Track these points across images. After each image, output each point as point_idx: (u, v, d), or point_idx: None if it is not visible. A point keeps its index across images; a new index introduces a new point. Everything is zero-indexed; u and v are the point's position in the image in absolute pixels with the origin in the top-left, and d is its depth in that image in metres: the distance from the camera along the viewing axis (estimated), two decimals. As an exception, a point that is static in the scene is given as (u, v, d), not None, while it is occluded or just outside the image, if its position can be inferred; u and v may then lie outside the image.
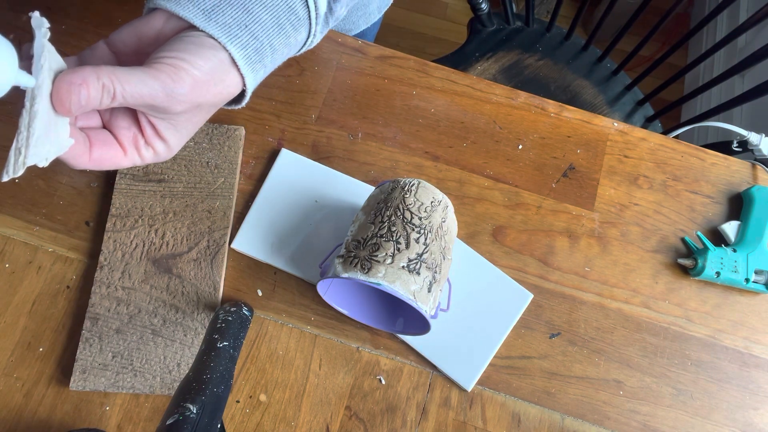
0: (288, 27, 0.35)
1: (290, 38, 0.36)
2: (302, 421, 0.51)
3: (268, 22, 0.33)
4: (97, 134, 0.32)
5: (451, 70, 0.63)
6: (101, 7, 0.63)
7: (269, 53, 0.34)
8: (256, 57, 0.33)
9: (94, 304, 0.52)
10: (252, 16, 0.32)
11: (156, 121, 0.32)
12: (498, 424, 0.52)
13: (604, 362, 0.54)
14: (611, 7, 0.93)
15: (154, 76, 0.29)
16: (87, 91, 0.28)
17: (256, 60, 0.34)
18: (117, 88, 0.28)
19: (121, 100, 0.29)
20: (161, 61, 0.30)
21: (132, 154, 0.33)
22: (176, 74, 0.30)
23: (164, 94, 0.30)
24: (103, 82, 0.28)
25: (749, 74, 1.38)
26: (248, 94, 0.36)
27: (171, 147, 0.34)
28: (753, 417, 0.53)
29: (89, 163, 0.32)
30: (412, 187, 0.47)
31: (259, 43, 0.33)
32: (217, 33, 0.31)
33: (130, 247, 0.54)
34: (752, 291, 0.56)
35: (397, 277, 0.43)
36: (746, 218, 0.57)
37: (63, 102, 0.28)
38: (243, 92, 0.36)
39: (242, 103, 0.37)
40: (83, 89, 0.28)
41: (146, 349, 0.51)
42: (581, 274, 0.57)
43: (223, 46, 0.31)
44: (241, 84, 0.34)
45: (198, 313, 0.52)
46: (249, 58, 0.33)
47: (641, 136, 0.62)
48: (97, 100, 0.28)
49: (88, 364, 0.50)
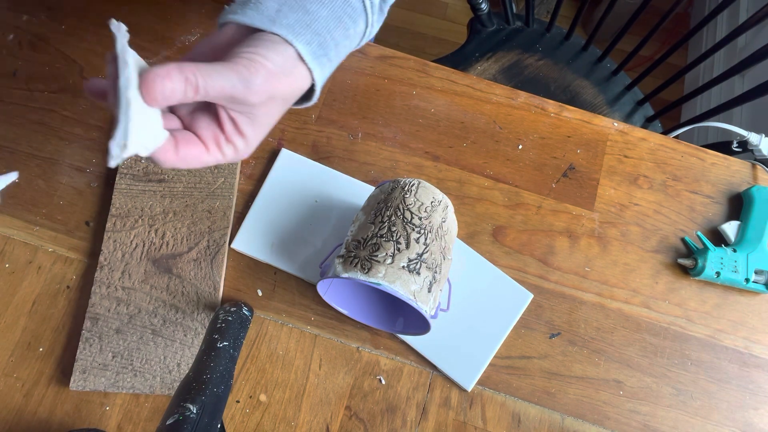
0: (346, 20, 0.38)
1: (349, 30, 0.38)
2: (302, 421, 0.51)
3: (328, 17, 0.36)
4: (180, 134, 0.34)
5: (451, 70, 0.63)
6: (101, 7, 0.63)
7: (332, 46, 0.37)
8: (320, 51, 0.36)
9: (94, 304, 0.52)
10: (311, 15, 0.36)
11: (235, 115, 0.34)
12: (498, 424, 0.52)
13: (604, 362, 0.54)
14: (611, 7, 0.93)
15: (232, 68, 0.32)
16: (171, 83, 0.30)
17: (320, 54, 0.36)
18: (199, 81, 0.31)
19: (203, 93, 0.31)
20: (239, 55, 0.33)
21: (214, 151, 0.35)
22: (252, 66, 0.32)
23: (242, 85, 0.32)
24: (186, 75, 0.30)
25: (749, 74, 1.38)
26: (318, 88, 0.38)
27: (250, 142, 0.36)
28: (753, 417, 0.53)
29: (176, 159, 0.34)
30: (412, 187, 0.47)
31: (322, 38, 0.36)
32: (283, 32, 0.34)
33: (130, 247, 0.54)
34: (752, 291, 0.56)
35: (397, 277, 0.43)
36: (746, 218, 0.57)
37: (150, 92, 0.30)
38: (313, 88, 0.38)
39: (313, 100, 0.39)
40: (167, 81, 0.30)
41: (146, 349, 0.51)
42: (581, 274, 0.57)
43: (289, 43, 0.34)
44: (309, 78, 0.36)
45: (198, 313, 0.52)
46: (314, 53, 0.36)
47: (641, 136, 0.62)
48: (181, 91, 0.30)
49: (88, 364, 0.50)
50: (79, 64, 0.61)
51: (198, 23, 0.63)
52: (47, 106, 0.59)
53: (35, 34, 0.62)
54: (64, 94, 0.60)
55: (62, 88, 0.60)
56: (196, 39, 0.62)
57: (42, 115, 0.59)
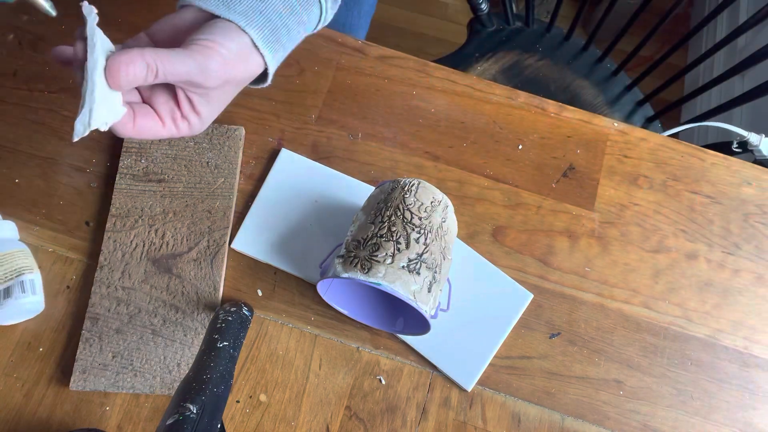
0: (298, 8, 0.40)
1: (302, 17, 0.40)
2: (302, 421, 0.51)
3: (279, 5, 0.38)
4: (139, 108, 0.37)
5: (451, 71, 0.63)
6: (102, 8, 0.63)
7: (285, 33, 0.39)
8: (272, 37, 0.38)
9: (94, 304, 0.52)
10: (265, 2, 0.37)
11: (192, 95, 0.37)
12: (498, 424, 0.52)
13: (604, 362, 0.54)
14: (611, 7, 0.93)
15: (190, 55, 0.34)
16: (134, 68, 0.33)
17: (273, 40, 0.38)
18: (159, 67, 0.33)
19: (162, 77, 0.34)
20: (196, 42, 0.35)
21: (170, 125, 0.38)
22: (208, 53, 0.35)
23: (199, 70, 0.34)
24: (147, 62, 0.33)
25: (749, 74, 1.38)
26: (271, 72, 0.40)
27: (204, 119, 0.39)
28: (753, 417, 0.53)
29: (133, 130, 0.36)
30: (412, 187, 0.47)
31: (273, 24, 0.38)
32: (237, 19, 0.36)
33: (130, 247, 0.54)
34: (752, 291, 0.56)
35: (397, 277, 0.43)
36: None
37: (114, 77, 0.33)
38: (266, 72, 0.40)
39: (267, 82, 0.41)
40: (131, 67, 0.32)
41: (146, 349, 0.51)
42: (581, 274, 0.57)
43: (243, 30, 0.36)
44: (262, 63, 0.39)
45: (198, 313, 0.52)
46: (266, 39, 0.38)
47: (641, 136, 0.62)
48: (142, 76, 0.33)
49: (88, 364, 0.50)
50: (79, 64, 0.61)
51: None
52: (47, 106, 0.59)
53: (35, 34, 0.62)
54: (64, 94, 0.60)
55: (62, 88, 0.60)
56: (196, 39, 0.62)
57: (42, 115, 0.59)
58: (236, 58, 0.36)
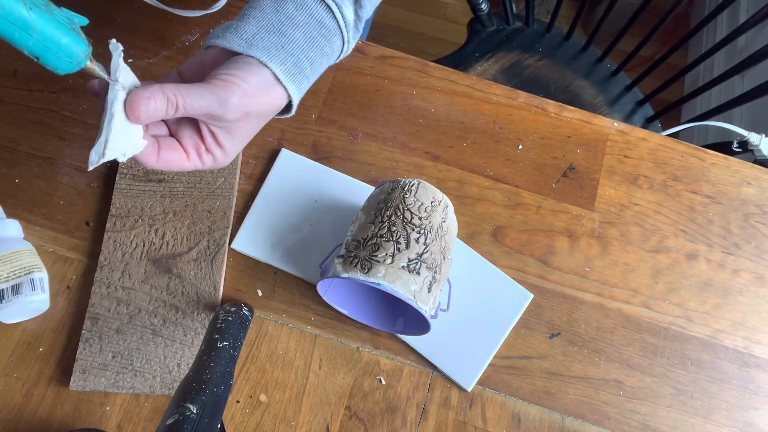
0: (321, 40, 0.40)
1: (325, 48, 0.41)
2: (302, 421, 0.51)
3: (301, 39, 0.39)
4: (165, 140, 0.38)
5: (451, 70, 0.63)
6: (101, 8, 0.63)
7: (307, 65, 0.40)
8: (295, 69, 0.39)
9: (94, 304, 0.52)
10: (286, 37, 0.38)
11: (214, 129, 0.38)
12: (498, 424, 0.52)
13: (604, 362, 0.54)
14: (611, 7, 0.93)
15: (210, 89, 0.35)
16: (154, 103, 0.34)
17: (295, 72, 0.39)
18: (179, 101, 0.34)
19: (182, 111, 0.35)
20: (217, 77, 0.36)
21: (194, 158, 0.39)
22: (228, 87, 0.35)
23: (218, 104, 0.35)
24: (167, 96, 0.34)
25: (749, 74, 1.38)
26: (295, 103, 0.41)
27: (227, 152, 0.39)
28: (753, 417, 0.53)
29: (157, 162, 0.37)
30: (412, 187, 0.47)
31: (296, 58, 0.39)
32: (258, 54, 0.37)
33: (130, 247, 0.54)
34: (752, 291, 0.56)
35: (397, 277, 0.43)
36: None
37: (134, 112, 0.34)
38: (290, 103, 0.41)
39: (292, 112, 0.42)
40: (151, 101, 0.34)
41: (146, 349, 0.51)
42: (581, 274, 0.57)
43: (264, 64, 0.37)
44: (286, 95, 0.39)
45: (198, 313, 0.52)
46: (288, 72, 0.38)
47: (641, 136, 0.62)
48: (163, 110, 0.34)
49: (88, 364, 0.50)
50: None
51: (198, 23, 0.63)
52: (47, 106, 0.59)
53: (35, 34, 0.62)
54: (64, 94, 0.60)
55: (62, 88, 0.60)
56: (196, 39, 0.62)
57: (42, 115, 0.59)
58: (257, 92, 0.37)
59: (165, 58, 0.62)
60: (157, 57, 0.62)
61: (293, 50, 0.38)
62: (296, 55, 0.39)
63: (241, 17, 0.39)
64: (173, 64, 0.61)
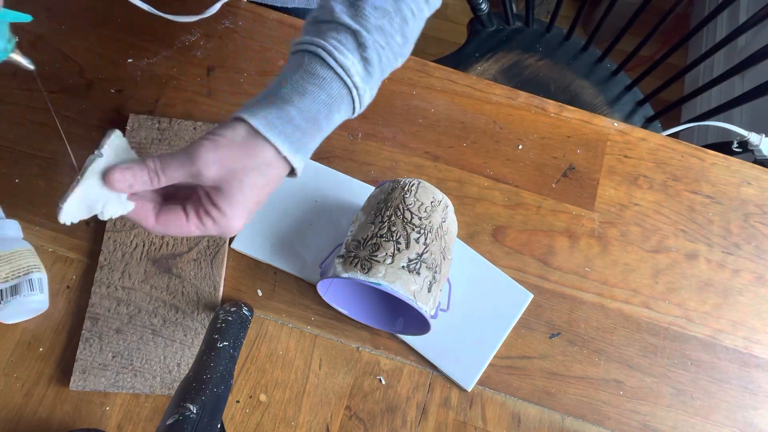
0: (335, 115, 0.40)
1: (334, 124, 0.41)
2: (302, 421, 0.51)
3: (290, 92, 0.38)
4: (165, 205, 0.39)
5: (451, 70, 0.63)
6: (101, 8, 0.63)
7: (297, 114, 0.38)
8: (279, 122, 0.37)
9: (94, 304, 0.52)
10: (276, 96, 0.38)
11: (209, 190, 0.38)
12: (498, 424, 0.52)
13: (604, 362, 0.54)
14: (611, 7, 0.93)
15: (184, 149, 0.36)
16: (131, 173, 0.36)
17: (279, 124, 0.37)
18: (158, 169, 0.36)
19: (165, 179, 0.36)
20: (197, 139, 0.37)
21: (193, 220, 0.38)
22: (199, 142, 0.36)
23: (190, 160, 0.36)
24: (149, 166, 0.36)
25: (749, 74, 1.38)
26: (299, 171, 0.39)
27: (227, 216, 0.38)
28: (753, 417, 0.53)
29: (155, 225, 0.38)
30: (412, 187, 0.47)
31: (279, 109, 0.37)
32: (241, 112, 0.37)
33: (130, 247, 0.54)
34: (752, 291, 0.56)
35: (397, 277, 0.43)
36: None
37: (109, 182, 0.36)
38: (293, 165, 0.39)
39: (296, 174, 0.40)
40: (126, 172, 0.35)
41: (146, 349, 0.51)
42: (581, 274, 0.57)
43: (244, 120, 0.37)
44: (273, 149, 0.37)
45: (198, 313, 0.52)
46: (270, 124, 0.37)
47: (641, 136, 0.62)
48: (145, 182, 0.36)
49: (88, 364, 0.50)
50: (79, 64, 0.61)
51: (198, 23, 0.63)
52: (47, 106, 0.59)
53: (35, 34, 0.62)
54: (64, 94, 0.60)
55: (62, 88, 0.60)
56: (195, 39, 0.62)
57: (42, 115, 0.59)
58: (231, 144, 0.36)
59: (165, 58, 0.62)
60: (157, 57, 0.62)
61: (280, 104, 0.37)
62: (279, 106, 0.37)
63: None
64: (173, 64, 0.61)
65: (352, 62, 0.39)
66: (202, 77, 0.61)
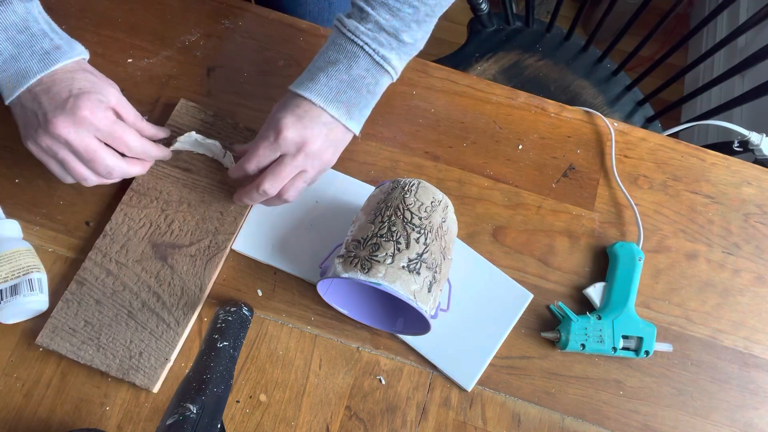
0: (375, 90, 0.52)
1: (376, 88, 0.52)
2: (302, 421, 0.51)
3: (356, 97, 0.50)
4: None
5: (451, 70, 0.63)
6: (101, 7, 0.63)
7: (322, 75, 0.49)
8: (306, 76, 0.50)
9: (85, 268, 0.52)
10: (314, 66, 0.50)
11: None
12: (498, 424, 0.52)
13: (604, 362, 0.54)
14: (611, 7, 0.93)
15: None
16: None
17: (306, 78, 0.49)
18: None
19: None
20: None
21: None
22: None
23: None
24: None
25: (749, 74, 1.38)
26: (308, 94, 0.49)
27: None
28: (753, 417, 0.53)
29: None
30: (412, 187, 0.47)
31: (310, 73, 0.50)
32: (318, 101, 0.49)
33: (137, 224, 0.54)
34: (752, 291, 0.56)
35: (397, 277, 0.43)
36: (611, 279, 0.54)
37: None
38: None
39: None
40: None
41: (117, 327, 0.51)
42: (581, 274, 0.57)
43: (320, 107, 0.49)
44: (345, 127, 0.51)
45: (177, 309, 0.52)
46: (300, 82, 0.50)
47: (641, 136, 0.62)
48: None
49: (60, 325, 0.50)
50: (79, 64, 0.61)
51: (198, 23, 0.63)
52: (47, 106, 0.59)
53: (35, 34, 0.61)
54: (64, 94, 0.60)
55: (62, 88, 0.60)
56: (195, 39, 0.62)
57: (42, 115, 0.59)
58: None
59: (165, 58, 0.62)
60: (157, 57, 0.62)
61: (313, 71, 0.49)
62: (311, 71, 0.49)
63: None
64: (173, 64, 0.61)
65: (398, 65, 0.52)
66: (202, 77, 0.61)
